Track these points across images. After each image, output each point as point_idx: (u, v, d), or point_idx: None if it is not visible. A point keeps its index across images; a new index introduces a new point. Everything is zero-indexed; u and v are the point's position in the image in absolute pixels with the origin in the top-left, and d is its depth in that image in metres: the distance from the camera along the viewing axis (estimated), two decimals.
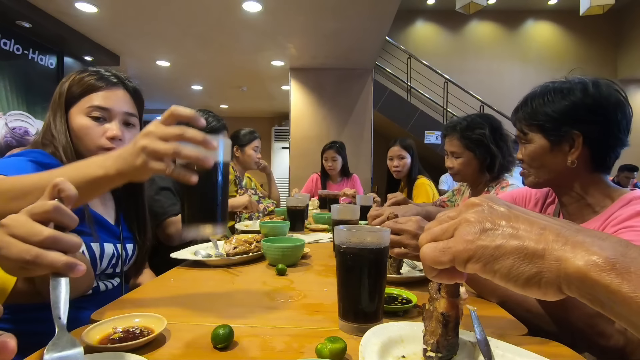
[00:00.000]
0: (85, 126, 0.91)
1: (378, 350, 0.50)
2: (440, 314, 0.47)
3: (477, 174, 1.60)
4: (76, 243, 0.46)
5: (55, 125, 0.91)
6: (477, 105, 6.83)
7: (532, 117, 0.93)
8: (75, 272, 0.44)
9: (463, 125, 1.59)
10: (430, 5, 7.87)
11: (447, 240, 0.36)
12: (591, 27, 7.73)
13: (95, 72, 0.95)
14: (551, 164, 0.93)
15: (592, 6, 4.13)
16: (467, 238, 0.34)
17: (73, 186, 0.47)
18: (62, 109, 0.92)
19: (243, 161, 2.61)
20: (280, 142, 8.64)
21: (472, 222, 0.35)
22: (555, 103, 0.89)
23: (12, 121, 4.06)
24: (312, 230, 1.79)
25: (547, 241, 0.32)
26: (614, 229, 0.81)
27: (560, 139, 0.90)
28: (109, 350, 0.54)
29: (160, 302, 0.78)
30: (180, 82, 6.62)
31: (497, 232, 0.34)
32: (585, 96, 0.86)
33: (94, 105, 0.91)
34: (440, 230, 0.37)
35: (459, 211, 0.38)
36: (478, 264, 0.34)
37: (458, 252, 0.35)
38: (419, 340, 0.53)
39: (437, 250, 0.36)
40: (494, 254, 0.33)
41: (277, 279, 0.97)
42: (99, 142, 0.91)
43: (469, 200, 0.38)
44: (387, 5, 3.65)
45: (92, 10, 3.78)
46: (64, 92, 0.93)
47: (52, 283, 0.44)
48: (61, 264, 0.43)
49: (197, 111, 1.79)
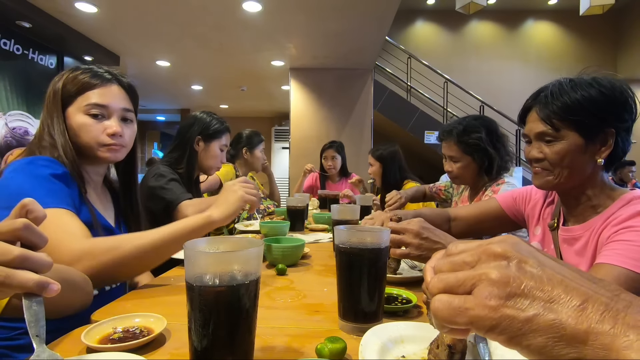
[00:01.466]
0: (85, 124, 0.91)
1: (378, 350, 0.50)
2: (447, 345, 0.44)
3: (476, 177, 1.61)
4: (47, 262, 0.44)
5: (53, 125, 0.91)
6: (477, 105, 6.83)
7: (568, 112, 0.85)
8: (47, 291, 0.42)
9: (459, 129, 1.58)
10: (430, 5, 7.87)
11: (464, 298, 0.30)
12: (591, 27, 7.73)
13: (88, 70, 0.95)
14: (580, 163, 0.87)
15: (592, 6, 4.13)
16: (489, 303, 0.28)
17: (42, 207, 0.46)
18: (58, 108, 0.92)
19: (251, 163, 2.62)
20: (280, 142, 8.64)
21: (495, 282, 0.29)
22: (594, 98, 0.83)
23: (12, 121, 4.06)
24: (312, 230, 1.79)
25: (590, 320, 0.25)
26: (614, 229, 0.81)
27: (595, 136, 0.85)
28: (109, 350, 0.54)
29: (160, 302, 0.78)
30: (180, 82, 6.62)
31: (527, 300, 0.27)
32: (620, 94, 0.84)
33: (92, 103, 0.92)
34: (455, 280, 0.31)
35: (478, 257, 0.31)
36: (502, 335, 0.28)
37: (478, 317, 0.29)
38: (419, 340, 0.53)
39: (452, 308, 0.30)
40: (522, 328, 0.27)
41: (277, 279, 0.97)
42: (100, 139, 0.92)
43: (491, 248, 0.31)
44: (387, 5, 3.65)
45: (92, 10, 3.78)
46: (58, 91, 0.92)
47: (25, 303, 0.42)
48: (32, 283, 0.41)
49: (201, 113, 1.80)
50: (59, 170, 0.85)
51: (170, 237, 0.85)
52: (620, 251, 0.76)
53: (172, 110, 9.22)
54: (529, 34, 8.15)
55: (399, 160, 2.61)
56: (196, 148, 1.74)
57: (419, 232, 0.86)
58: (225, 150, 1.84)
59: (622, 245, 0.77)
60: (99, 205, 1.00)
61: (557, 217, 1.01)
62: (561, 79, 0.90)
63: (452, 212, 1.30)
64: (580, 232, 0.91)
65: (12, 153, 4.07)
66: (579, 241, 0.92)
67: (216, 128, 1.77)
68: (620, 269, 0.73)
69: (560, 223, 1.00)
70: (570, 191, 0.94)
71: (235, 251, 0.49)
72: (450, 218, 1.28)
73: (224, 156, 1.84)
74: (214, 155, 1.78)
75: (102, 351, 0.53)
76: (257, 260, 0.49)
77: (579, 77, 0.89)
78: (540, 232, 1.07)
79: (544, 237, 1.06)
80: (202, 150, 1.75)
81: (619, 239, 0.79)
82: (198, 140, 1.74)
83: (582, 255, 0.90)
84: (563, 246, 0.96)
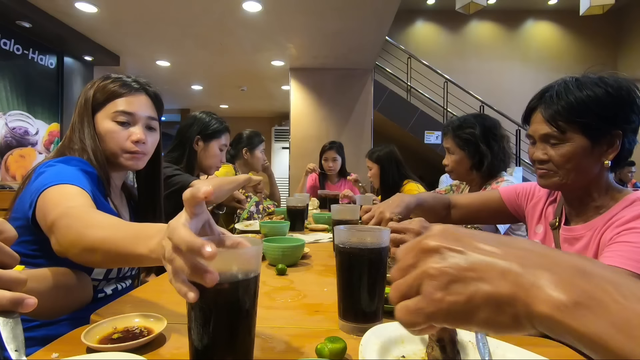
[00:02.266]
0: (111, 130, 0.97)
1: (378, 350, 0.50)
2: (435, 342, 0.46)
3: (468, 172, 1.61)
4: (19, 279, 0.43)
5: (83, 130, 0.96)
6: (477, 105, 6.83)
7: (574, 113, 0.83)
8: (23, 307, 0.41)
9: (456, 124, 1.61)
10: (430, 5, 7.87)
11: (416, 300, 0.33)
12: (591, 27, 7.72)
13: (118, 79, 1.01)
14: (586, 165, 0.86)
15: (592, 6, 4.12)
16: (435, 297, 0.31)
17: (12, 227, 0.46)
18: (89, 114, 0.97)
19: (251, 163, 2.62)
20: (280, 142, 8.65)
21: (434, 277, 0.32)
22: (600, 99, 0.81)
23: (12, 121, 4.06)
24: (312, 230, 1.79)
25: (513, 284, 0.30)
26: (616, 231, 0.80)
27: (601, 138, 0.84)
28: (109, 350, 0.54)
29: (160, 302, 0.78)
30: (180, 82, 6.62)
31: (462, 283, 0.31)
32: (627, 94, 0.82)
33: (119, 110, 0.97)
34: (406, 286, 0.34)
35: (417, 257, 0.34)
36: (456, 322, 0.32)
37: (432, 313, 0.32)
38: (419, 340, 0.53)
39: (409, 313, 0.33)
40: (467, 309, 0.31)
41: (277, 279, 0.97)
42: (124, 146, 0.98)
43: (426, 244, 0.34)
44: (387, 5, 3.65)
45: (92, 10, 3.78)
46: (89, 98, 0.97)
47: (1, 321, 0.41)
48: (6, 301, 0.40)
49: (200, 113, 1.80)
50: (88, 169, 0.90)
51: None
52: (623, 253, 0.76)
53: (172, 110, 9.22)
54: (529, 34, 8.14)
55: (396, 160, 2.60)
56: (195, 148, 1.75)
57: (420, 232, 0.86)
58: (224, 150, 1.85)
59: (625, 246, 0.77)
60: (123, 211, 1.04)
61: (559, 216, 1.01)
62: (566, 78, 0.88)
63: (452, 199, 1.29)
64: (582, 232, 0.91)
65: (12, 153, 4.07)
66: (580, 241, 0.91)
67: (215, 128, 1.78)
68: (623, 271, 0.73)
69: (562, 222, 1.00)
70: (575, 192, 0.93)
71: (235, 250, 0.50)
72: (450, 205, 1.28)
73: (223, 156, 1.85)
74: (213, 154, 1.78)
75: (102, 351, 0.53)
76: (257, 259, 0.49)
77: (585, 75, 0.87)
78: (542, 231, 1.07)
79: (545, 236, 1.05)
80: (202, 149, 1.76)
81: (622, 240, 0.78)
82: (197, 140, 1.74)
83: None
84: (564, 245, 0.96)
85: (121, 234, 0.59)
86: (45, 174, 0.81)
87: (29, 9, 3.67)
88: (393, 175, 2.57)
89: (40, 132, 4.42)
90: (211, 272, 0.41)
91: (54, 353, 0.54)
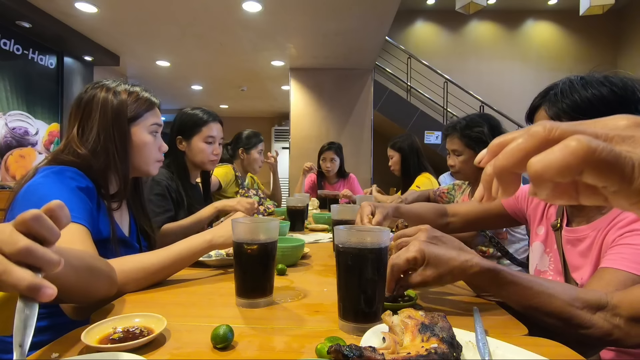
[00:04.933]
0: (149, 142, 1.05)
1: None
2: None
3: (477, 172, 1.61)
4: (52, 259, 0.41)
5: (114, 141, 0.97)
6: (477, 105, 6.84)
7: (579, 112, 0.82)
8: (39, 296, 0.39)
9: (462, 124, 1.61)
10: (430, 5, 7.87)
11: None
12: (591, 27, 7.72)
13: (145, 90, 1.07)
14: None
15: (592, 6, 4.13)
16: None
17: (68, 214, 0.45)
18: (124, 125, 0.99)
19: (247, 164, 2.59)
20: (280, 142, 8.65)
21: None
22: (605, 97, 0.81)
23: (12, 121, 4.06)
24: (312, 230, 1.79)
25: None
26: (619, 232, 0.80)
27: None
28: (109, 350, 0.54)
29: (160, 302, 0.78)
30: (180, 82, 6.62)
31: None
32: (633, 93, 0.81)
33: (156, 123, 1.06)
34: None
35: None
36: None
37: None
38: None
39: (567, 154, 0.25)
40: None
41: (277, 279, 0.97)
42: (156, 156, 1.07)
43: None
44: (387, 5, 3.65)
45: (92, 10, 3.78)
46: (124, 110, 0.99)
47: (18, 305, 0.39)
48: (24, 285, 0.38)
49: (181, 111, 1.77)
50: (83, 184, 0.89)
51: (174, 258, 0.89)
52: (626, 255, 0.75)
53: (172, 111, 9.19)
54: (529, 34, 8.14)
55: (417, 149, 2.66)
56: (181, 148, 1.70)
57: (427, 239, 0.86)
58: (215, 143, 1.74)
59: (628, 249, 0.76)
60: (118, 215, 1.03)
61: (561, 217, 1.00)
62: (571, 77, 0.87)
63: (450, 208, 1.29)
64: (585, 233, 0.90)
65: (12, 153, 4.07)
66: (583, 242, 0.90)
67: (193, 122, 1.71)
68: (627, 274, 0.72)
69: (564, 223, 0.99)
70: None
71: (260, 222, 0.77)
72: (448, 214, 1.29)
73: (215, 148, 1.74)
74: (199, 150, 1.70)
75: (102, 351, 0.53)
76: (275, 230, 0.77)
77: (590, 74, 0.86)
78: (544, 232, 1.06)
79: (547, 237, 1.04)
80: (187, 148, 1.70)
81: (625, 242, 0.77)
82: (180, 141, 1.70)
83: (586, 256, 0.88)
84: (566, 247, 0.95)
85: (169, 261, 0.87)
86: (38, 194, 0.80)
87: (29, 9, 3.67)
88: (414, 163, 2.62)
89: (40, 132, 4.42)
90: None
91: (54, 353, 0.54)
